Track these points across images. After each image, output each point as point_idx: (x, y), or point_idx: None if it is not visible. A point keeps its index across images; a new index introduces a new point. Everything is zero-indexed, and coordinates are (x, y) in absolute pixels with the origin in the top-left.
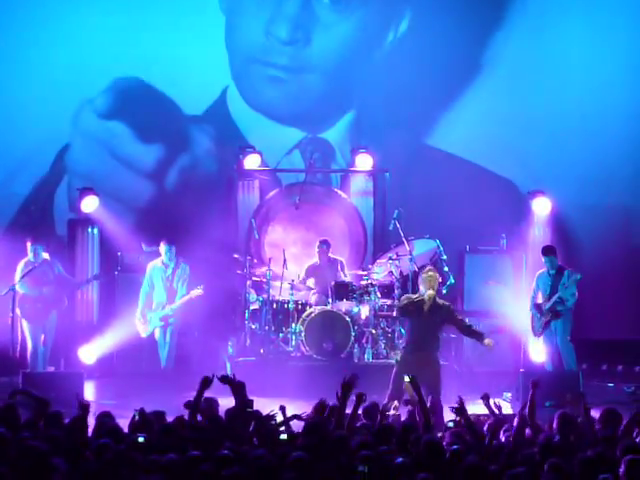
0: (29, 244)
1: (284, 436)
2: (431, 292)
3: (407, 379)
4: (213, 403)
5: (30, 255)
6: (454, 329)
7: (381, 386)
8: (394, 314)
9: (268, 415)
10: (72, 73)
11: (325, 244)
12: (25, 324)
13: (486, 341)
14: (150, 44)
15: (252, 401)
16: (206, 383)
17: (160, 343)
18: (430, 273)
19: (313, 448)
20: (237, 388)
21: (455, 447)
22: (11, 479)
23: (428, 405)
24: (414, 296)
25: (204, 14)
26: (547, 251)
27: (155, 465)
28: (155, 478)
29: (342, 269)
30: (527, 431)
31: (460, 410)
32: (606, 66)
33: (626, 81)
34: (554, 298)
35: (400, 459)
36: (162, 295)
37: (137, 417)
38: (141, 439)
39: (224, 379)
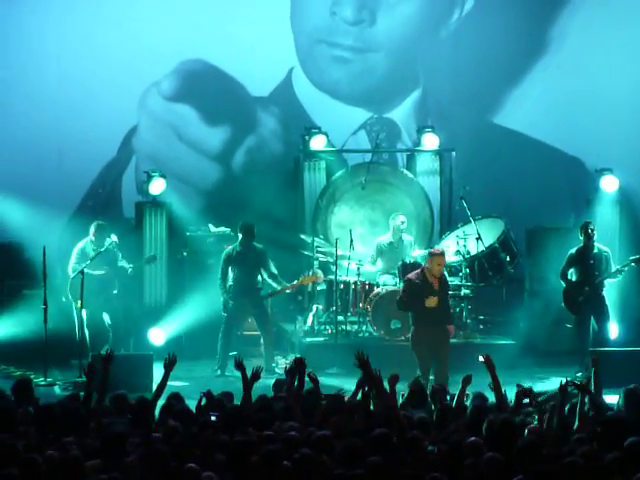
0: (94, 228)
1: None
2: (444, 271)
3: (482, 359)
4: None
5: (93, 238)
6: None
7: (454, 365)
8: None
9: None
10: (138, 55)
11: (402, 222)
12: (85, 308)
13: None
14: (215, 26)
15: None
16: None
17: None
18: (438, 255)
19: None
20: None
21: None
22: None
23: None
24: (421, 273)
25: None
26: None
27: (224, 445)
28: (222, 457)
29: (411, 248)
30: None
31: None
32: None
33: None
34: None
35: (472, 438)
36: None
37: (204, 399)
38: (213, 418)
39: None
